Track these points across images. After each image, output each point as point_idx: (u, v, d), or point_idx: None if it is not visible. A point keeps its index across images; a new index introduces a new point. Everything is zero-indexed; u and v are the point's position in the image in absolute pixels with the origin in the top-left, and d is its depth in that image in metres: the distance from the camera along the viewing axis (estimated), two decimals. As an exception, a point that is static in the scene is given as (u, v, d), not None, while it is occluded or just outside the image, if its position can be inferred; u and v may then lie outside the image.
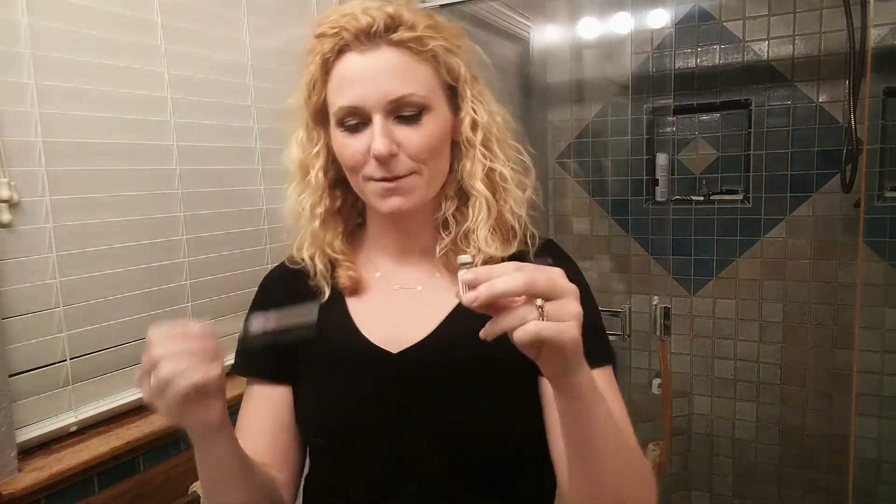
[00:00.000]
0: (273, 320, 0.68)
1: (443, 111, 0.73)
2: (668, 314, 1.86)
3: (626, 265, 2.29)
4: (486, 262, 0.73)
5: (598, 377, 0.70)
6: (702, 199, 2.18)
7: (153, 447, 1.19)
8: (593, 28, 2.20)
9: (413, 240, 0.79)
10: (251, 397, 0.81)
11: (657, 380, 1.97)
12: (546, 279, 0.50)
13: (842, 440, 1.89)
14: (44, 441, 1.07)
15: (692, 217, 2.19)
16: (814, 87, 1.98)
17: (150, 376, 0.56)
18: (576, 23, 2.23)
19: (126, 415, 1.19)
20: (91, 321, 1.13)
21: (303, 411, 0.79)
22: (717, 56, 2.09)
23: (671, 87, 2.13)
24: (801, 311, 2.08)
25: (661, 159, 2.20)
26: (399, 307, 0.77)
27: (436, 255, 0.77)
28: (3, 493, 0.95)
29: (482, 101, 0.75)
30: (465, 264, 0.52)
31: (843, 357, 2.02)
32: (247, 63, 1.44)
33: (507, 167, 0.76)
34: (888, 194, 1.93)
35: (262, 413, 0.79)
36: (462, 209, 0.77)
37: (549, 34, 2.26)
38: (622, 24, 2.15)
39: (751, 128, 2.09)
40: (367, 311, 0.78)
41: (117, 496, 1.11)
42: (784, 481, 2.16)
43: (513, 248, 0.76)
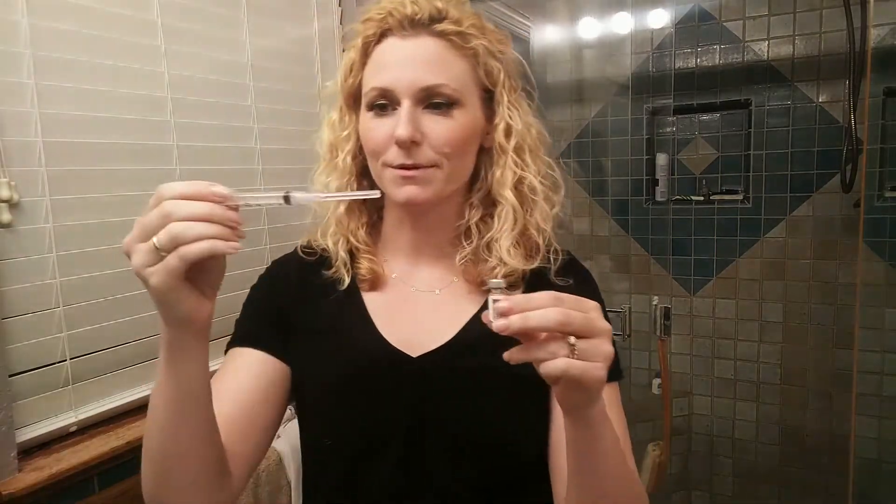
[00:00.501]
0: None
1: (474, 111, 0.72)
2: (668, 314, 1.86)
3: (626, 265, 2.29)
4: (507, 275, 0.73)
5: (606, 394, 0.71)
6: (702, 199, 2.18)
7: (153, 447, 1.18)
8: (593, 28, 2.20)
9: (428, 240, 0.78)
10: (234, 360, 0.73)
11: (657, 380, 1.97)
12: (582, 318, 0.48)
13: (842, 440, 1.90)
14: (44, 441, 1.07)
15: (692, 217, 2.19)
16: (814, 87, 1.98)
17: (146, 236, 0.47)
18: (576, 23, 2.23)
19: (126, 415, 1.19)
20: (91, 321, 1.13)
21: (313, 408, 0.76)
22: (717, 56, 2.09)
23: (671, 87, 2.13)
24: (801, 311, 2.08)
25: (661, 159, 2.20)
26: (417, 309, 0.76)
27: (452, 259, 0.76)
28: (3, 493, 0.95)
29: (518, 109, 0.75)
30: (496, 289, 0.50)
31: (843, 357, 2.02)
32: (247, 63, 1.44)
33: (538, 179, 0.75)
34: (888, 194, 1.93)
35: (244, 376, 0.71)
36: (486, 219, 0.76)
37: (549, 34, 2.26)
38: (622, 24, 2.15)
39: (751, 128, 2.09)
40: (384, 310, 0.76)
41: (117, 496, 1.11)
42: (784, 481, 2.15)
43: (535, 262, 0.75)
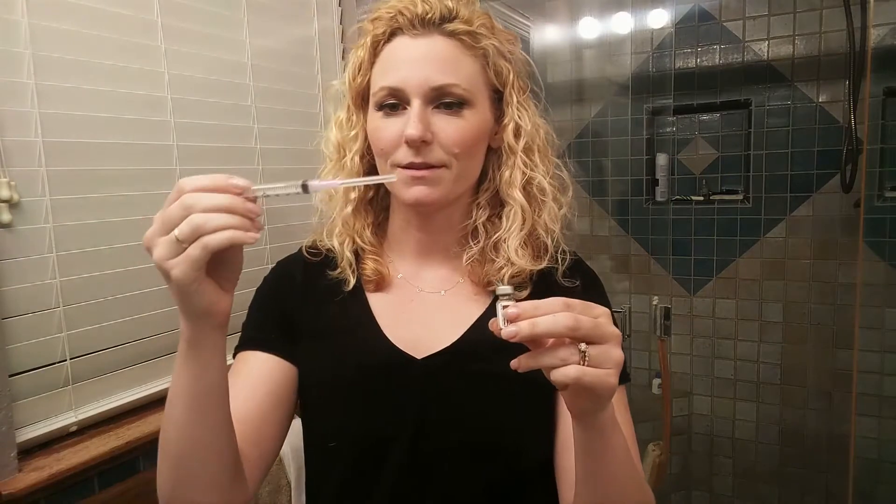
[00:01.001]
0: None
1: (484, 111, 0.72)
2: (668, 314, 1.86)
3: (626, 265, 2.29)
4: (515, 276, 0.73)
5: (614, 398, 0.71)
6: (702, 199, 2.18)
7: (153, 447, 1.17)
8: (593, 28, 2.20)
9: (435, 240, 0.77)
10: (245, 363, 0.74)
11: (657, 380, 1.97)
12: (591, 324, 0.48)
13: (842, 440, 1.90)
14: (44, 441, 1.07)
15: (692, 217, 2.19)
16: (814, 87, 1.98)
17: (167, 229, 0.48)
18: (576, 23, 2.23)
19: (126, 415, 1.19)
20: (91, 321, 1.13)
21: (317, 409, 0.75)
22: (717, 56, 2.09)
23: (671, 87, 2.13)
24: (801, 311, 2.08)
25: (661, 159, 2.20)
26: (422, 310, 0.76)
27: (459, 260, 0.76)
28: (3, 493, 0.95)
29: (527, 110, 0.75)
30: (504, 295, 0.49)
31: (843, 357, 2.02)
32: (247, 63, 1.44)
33: (547, 179, 0.75)
34: (888, 194, 1.93)
35: (254, 381, 0.72)
36: (494, 219, 0.76)
37: (549, 34, 2.26)
38: (622, 24, 2.16)
39: (751, 128, 2.09)
40: (389, 311, 0.76)
41: (117, 496, 1.11)
42: (784, 481, 2.15)
43: (543, 262, 0.74)
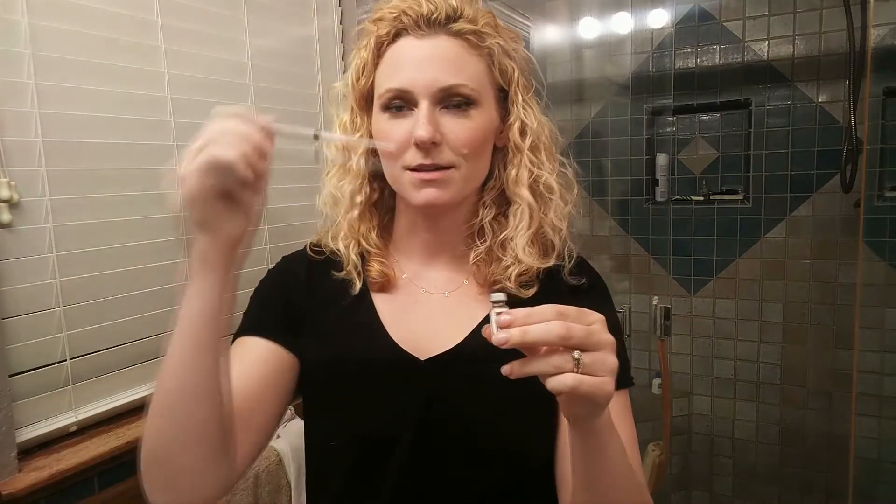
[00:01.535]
0: None
1: (490, 110, 0.72)
2: (668, 314, 1.86)
3: (626, 265, 2.29)
4: (522, 274, 0.73)
5: (614, 402, 0.70)
6: (702, 199, 2.18)
7: (153, 447, 1.18)
8: (593, 28, 2.20)
9: (442, 241, 0.77)
10: (242, 346, 0.72)
11: (657, 380, 1.97)
12: (584, 332, 0.47)
13: (842, 440, 1.90)
14: (44, 441, 1.07)
15: (692, 217, 2.19)
16: (814, 87, 1.98)
17: (195, 144, 0.54)
18: (576, 23, 2.23)
19: (126, 415, 1.19)
20: (91, 321, 1.13)
21: (320, 409, 0.75)
22: (717, 56, 2.09)
23: (671, 87, 2.13)
24: (801, 311, 2.08)
25: (661, 159, 2.20)
26: (426, 312, 0.75)
27: (465, 261, 0.76)
28: (3, 493, 0.95)
29: (532, 108, 0.75)
30: (497, 302, 0.49)
31: (843, 357, 2.02)
32: (247, 63, 1.44)
33: (553, 177, 0.75)
34: (888, 194, 1.93)
35: (249, 363, 0.70)
36: (500, 218, 0.76)
37: (549, 34, 2.26)
38: (622, 24, 2.16)
39: (751, 128, 2.09)
40: (393, 312, 0.75)
41: (117, 496, 1.11)
42: (784, 481, 2.15)
43: (551, 260, 0.74)
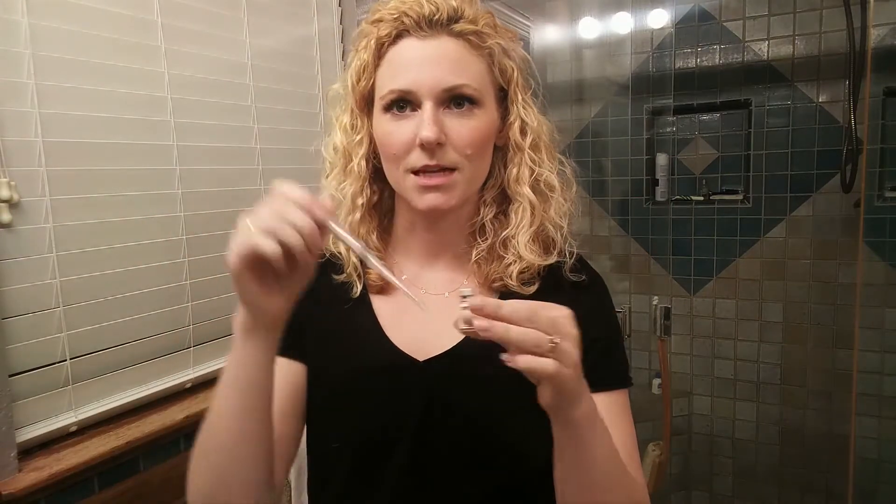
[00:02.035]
0: None
1: (491, 110, 0.72)
2: (668, 314, 1.86)
3: (626, 265, 2.29)
4: (523, 272, 0.73)
5: (610, 401, 0.70)
6: (702, 199, 2.18)
7: (153, 447, 1.19)
8: (593, 28, 2.20)
9: (443, 241, 0.77)
10: None
11: (657, 380, 1.97)
12: (548, 321, 0.50)
13: (842, 440, 1.89)
14: (44, 441, 1.07)
15: (692, 217, 2.19)
16: (814, 87, 1.98)
17: (254, 219, 0.53)
18: (576, 23, 2.22)
19: (126, 415, 1.19)
20: (91, 321, 1.13)
21: (320, 411, 0.76)
22: (717, 56, 2.09)
23: (671, 87, 2.12)
24: (801, 311, 2.08)
25: (661, 159, 2.20)
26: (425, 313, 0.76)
27: (464, 261, 0.76)
28: (3, 493, 0.95)
29: (531, 107, 0.75)
30: (466, 297, 0.51)
31: (843, 357, 2.02)
32: (247, 63, 1.44)
33: (554, 175, 0.75)
34: (888, 194, 1.93)
35: (279, 390, 0.72)
36: (500, 216, 0.76)
37: (549, 34, 2.25)
38: (622, 24, 2.15)
39: (751, 128, 2.09)
40: (392, 314, 0.75)
41: (117, 496, 1.11)
42: (784, 481, 2.15)
43: (552, 257, 0.75)
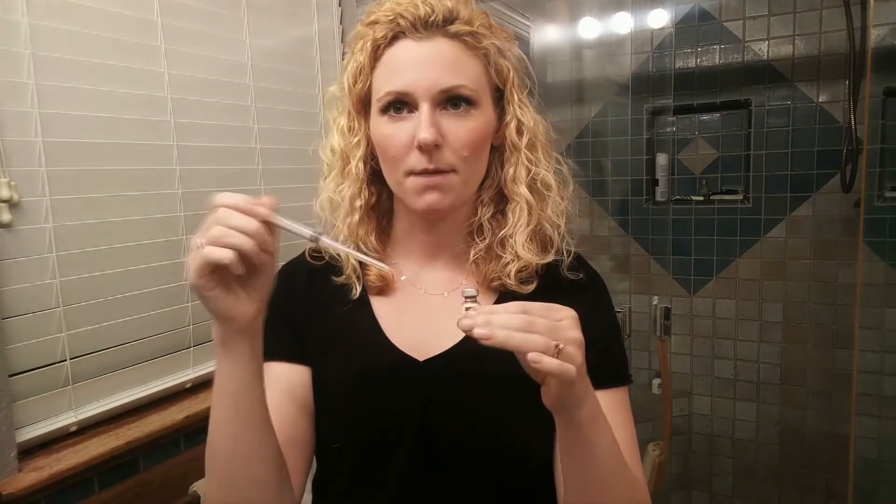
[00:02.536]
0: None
1: (488, 111, 0.72)
2: (668, 314, 1.86)
3: (626, 265, 2.29)
4: (521, 270, 0.73)
5: (610, 399, 0.70)
6: (702, 199, 2.18)
7: (153, 447, 1.19)
8: (593, 28, 2.20)
9: (441, 242, 0.77)
10: (268, 374, 0.75)
11: (657, 380, 1.97)
12: (547, 327, 0.50)
13: (842, 440, 1.89)
14: (44, 441, 1.07)
15: (692, 217, 2.19)
16: (814, 87, 1.98)
17: (201, 236, 0.54)
18: (576, 23, 2.22)
19: (126, 415, 1.19)
20: (91, 321, 1.13)
21: (322, 412, 0.76)
22: (717, 56, 2.09)
23: (671, 87, 2.12)
24: (801, 311, 2.08)
25: (661, 159, 2.20)
26: (424, 313, 0.75)
27: (462, 260, 0.76)
28: (3, 493, 0.95)
29: (527, 107, 0.75)
30: (469, 297, 0.51)
31: (843, 357, 2.02)
32: (247, 63, 1.44)
33: (550, 174, 0.76)
34: (888, 194, 1.93)
35: (280, 389, 0.73)
36: (498, 216, 0.76)
37: (549, 34, 2.25)
38: (622, 24, 2.15)
39: (751, 128, 2.09)
40: (392, 314, 0.76)
41: (117, 496, 1.11)
42: (784, 481, 2.15)
43: (550, 256, 0.75)
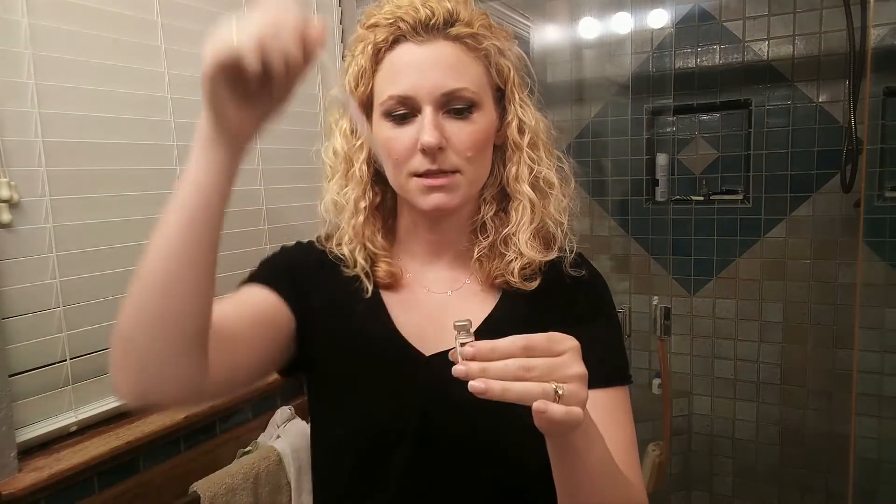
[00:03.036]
0: None
1: (490, 111, 0.72)
2: (668, 314, 1.86)
3: (626, 265, 2.29)
4: (524, 268, 0.73)
5: (610, 399, 0.71)
6: (702, 199, 2.18)
7: (153, 447, 1.19)
8: (593, 28, 2.20)
9: (445, 241, 0.78)
10: (244, 290, 0.74)
11: (657, 380, 1.97)
12: (547, 368, 0.50)
13: (842, 440, 1.89)
14: (44, 441, 1.07)
15: (692, 217, 2.19)
16: (814, 87, 1.98)
17: (242, 24, 0.51)
18: (576, 23, 2.23)
19: (126, 415, 1.19)
20: (91, 321, 1.13)
21: (327, 404, 0.76)
22: (717, 56, 2.09)
23: (671, 87, 2.12)
24: (801, 311, 2.08)
25: (661, 159, 2.20)
26: (429, 310, 0.76)
27: (466, 259, 0.77)
28: (3, 493, 0.95)
29: (528, 106, 0.76)
30: (461, 330, 0.51)
31: (843, 357, 2.02)
32: (247, 63, 1.44)
33: (552, 172, 0.76)
34: (888, 194, 1.93)
35: (247, 302, 0.71)
36: (501, 214, 0.76)
37: (549, 34, 2.25)
38: (622, 24, 2.15)
39: (751, 128, 2.09)
40: (400, 309, 0.76)
41: (117, 496, 1.11)
42: (784, 481, 2.15)
43: (553, 253, 0.75)
